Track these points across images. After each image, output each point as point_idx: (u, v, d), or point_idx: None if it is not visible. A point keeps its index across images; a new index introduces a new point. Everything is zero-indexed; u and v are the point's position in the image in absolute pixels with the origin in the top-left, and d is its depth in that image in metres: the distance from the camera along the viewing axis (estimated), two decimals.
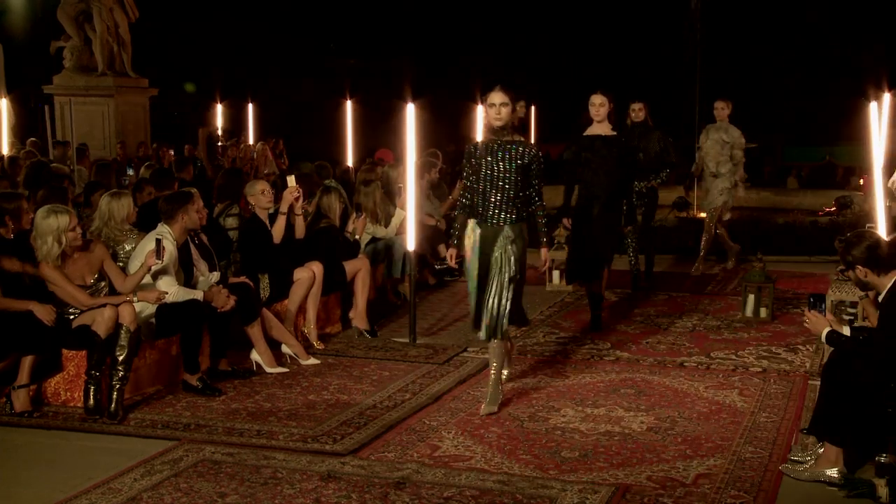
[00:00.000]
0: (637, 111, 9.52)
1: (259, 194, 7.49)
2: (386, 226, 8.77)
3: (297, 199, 7.51)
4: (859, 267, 4.94)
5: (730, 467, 5.06)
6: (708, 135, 10.44)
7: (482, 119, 6.00)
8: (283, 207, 7.47)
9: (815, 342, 7.32)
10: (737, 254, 10.80)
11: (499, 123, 5.90)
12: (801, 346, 7.47)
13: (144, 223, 7.05)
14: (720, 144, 10.28)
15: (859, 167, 14.45)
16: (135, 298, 6.10)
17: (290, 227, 7.54)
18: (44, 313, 5.83)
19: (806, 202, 15.62)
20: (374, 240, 8.76)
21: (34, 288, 5.98)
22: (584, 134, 7.80)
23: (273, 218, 7.54)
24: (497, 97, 5.88)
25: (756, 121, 20.51)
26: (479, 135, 10.40)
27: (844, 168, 17.73)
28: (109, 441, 5.50)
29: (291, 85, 24.03)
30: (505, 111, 5.89)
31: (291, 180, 7.60)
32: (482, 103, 6.00)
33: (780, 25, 21.78)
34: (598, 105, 7.65)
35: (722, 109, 10.42)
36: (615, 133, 7.79)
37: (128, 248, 6.68)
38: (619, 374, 6.79)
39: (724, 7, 19.94)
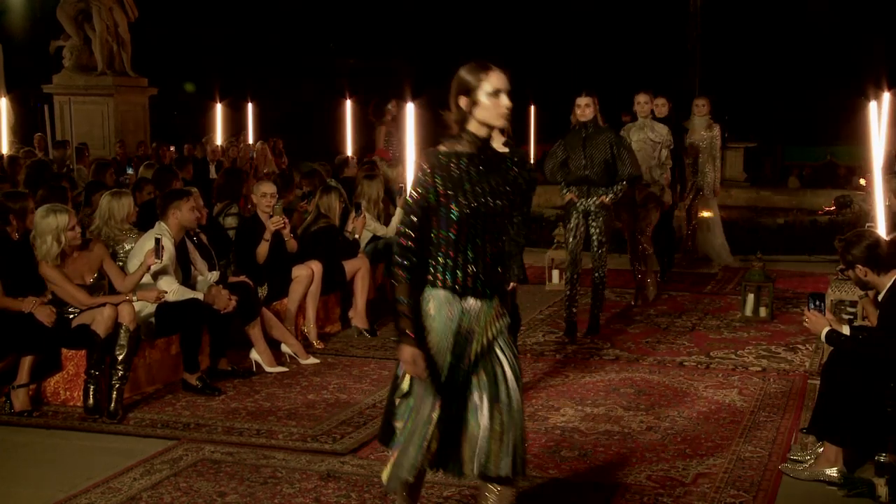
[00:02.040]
0: (583, 108, 7.49)
1: (259, 196, 7.47)
2: (385, 224, 8.78)
3: (282, 228, 7.39)
4: (859, 266, 4.94)
5: (729, 466, 5.05)
6: (630, 136, 8.72)
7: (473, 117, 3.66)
8: (267, 235, 7.31)
9: (814, 342, 7.32)
10: (645, 293, 9.09)
11: (501, 123, 3.66)
12: (800, 346, 7.47)
13: (144, 222, 7.05)
14: (649, 146, 8.81)
15: (859, 167, 14.40)
16: (134, 298, 6.10)
17: (282, 240, 7.51)
18: (44, 314, 5.83)
19: (805, 202, 15.64)
20: (373, 239, 8.76)
21: (34, 288, 5.98)
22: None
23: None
24: (502, 81, 3.64)
25: (757, 120, 20.52)
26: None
27: (846, 168, 17.72)
28: (109, 440, 5.50)
29: (291, 85, 24.00)
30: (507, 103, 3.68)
31: (278, 209, 7.43)
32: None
33: (780, 23, 21.76)
34: None
35: (645, 104, 8.98)
36: (507, 151, 5.64)
37: (127, 247, 6.68)
38: (618, 373, 6.79)
39: (724, 4, 19.93)
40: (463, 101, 3.62)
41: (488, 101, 3.60)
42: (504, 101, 3.62)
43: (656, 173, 8.89)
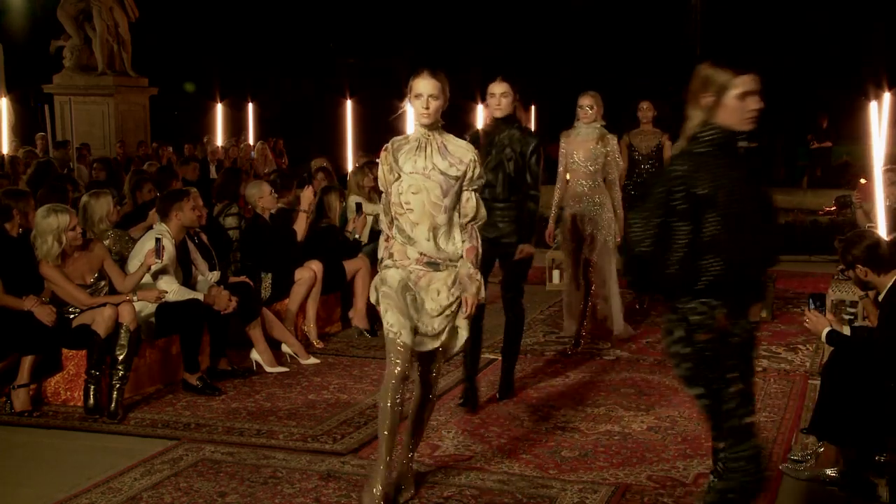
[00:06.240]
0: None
1: (257, 199, 7.50)
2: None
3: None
4: (859, 266, 4.94)
5: None
6: (399, 164, 4.50)
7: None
8: (304, 206, 7.65)
9: (814, 342, 7.32)
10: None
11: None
12: (801, 346, 7.47)
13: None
14: (436, 183, 4.45)
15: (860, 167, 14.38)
16: (135, 298, 6.10)
17: (291, 238, 7.55)
18: (44, 314, 5.83)
19: (806, 202, 15.64)
20: (374, 239, 8.75)
21: (33, 287, 5.97)
22: None
23: (277, 219, 7.58)
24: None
25: (764, 120, 20.41)
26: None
27: (855, 167, 17.65)
28: (109, 440, 5.50)
29: (291, 85, 24.00)
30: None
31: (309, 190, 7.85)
32: (482, 101, 5.96)
33: (783, 21, 21.75)
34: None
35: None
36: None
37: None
38: (619, 373, 6.79)
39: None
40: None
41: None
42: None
43: (448, 244, 4.50)
